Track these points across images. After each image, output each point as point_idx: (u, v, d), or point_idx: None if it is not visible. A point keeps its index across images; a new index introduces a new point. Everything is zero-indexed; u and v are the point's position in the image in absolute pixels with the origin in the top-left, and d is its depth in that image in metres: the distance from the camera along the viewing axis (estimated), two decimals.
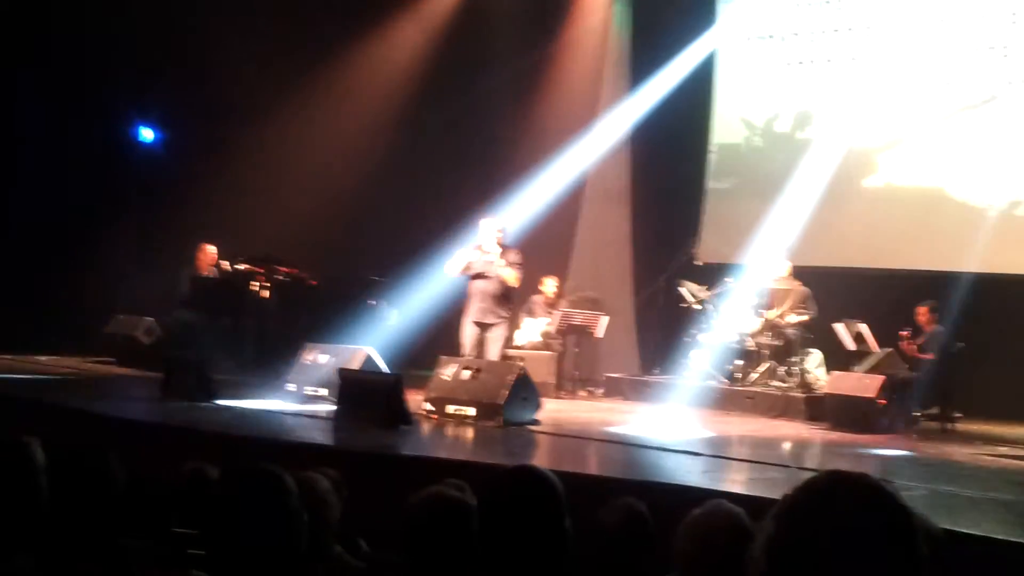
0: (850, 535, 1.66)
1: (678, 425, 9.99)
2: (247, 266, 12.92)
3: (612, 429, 9.48)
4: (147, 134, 14.73)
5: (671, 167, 14.63)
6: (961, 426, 10.74)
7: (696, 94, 14.71)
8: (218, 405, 9.21)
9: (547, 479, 2.95)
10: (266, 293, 12.57)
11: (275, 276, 12.72)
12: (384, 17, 14.65)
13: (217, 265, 13.26)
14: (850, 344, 11.70)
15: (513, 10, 15.12)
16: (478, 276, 10.43)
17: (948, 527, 4.92)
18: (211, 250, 13.26)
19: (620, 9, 15.82)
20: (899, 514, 1.70)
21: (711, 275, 13.33)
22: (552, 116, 15.12)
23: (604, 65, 15.79)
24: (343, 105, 14.39)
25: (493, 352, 10.19)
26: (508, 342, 10.35)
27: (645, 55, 15.41)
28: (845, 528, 1.66)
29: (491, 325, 10.27)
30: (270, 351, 12.69)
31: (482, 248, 10.31)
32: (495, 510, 2.92)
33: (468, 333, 10.38)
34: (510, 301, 10.24)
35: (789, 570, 1.67)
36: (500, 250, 10.36)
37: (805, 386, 11.69)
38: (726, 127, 14.79)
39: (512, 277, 10.30)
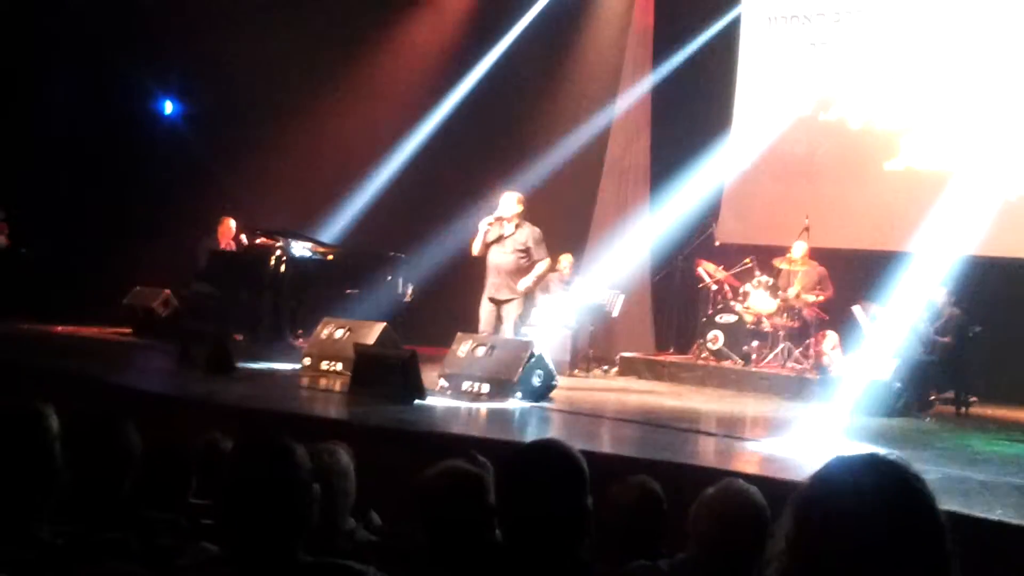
0: (870, 516, 1.63)
1: (691, 405, 9.99)
2: (266, 240, 12.94)
3: (623, 405, 9.48)
4: (169, 107, 14.74)
5: (691, 147, 14.56)
6: (976, 410, 10.71)
7: (718, 74, 14.64)
8: (234, 377, 9.24)
9: (572, 455, 2.91)
10: (283, 267, 12.59)
11: (293, 250, 12.74)
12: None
13: (236, 238, 13.30)
14: (867, 327, 11.67)
15: None
16: (492, 249, 10.31)
17: (961, 511, 4.92)
18: (231, 223, 13.30)
19: None
20: (915, 485, 1.68)
21: (729, 255, 13.30)
22: (574, 95, 15.09)
23: (626, 44, 15.72)
24: (367, 78, 14.37)
25: (508, 328, 10.14)
26: (524, 318, 10.27)
27: (667, 33, 15.35)
28: (864, 510, 1.64)
29: (505, 301, 10.22)
30: (286, 324, 12.75)
31: (500, 221, 10.23)
32: (517, 484, 2.87)
33: (484, 309, 10.35)
34: (526, 276, 10.15)
35: (815, 563, 1.64)
36: (516, 227, 10.24)
37: (820, 368, 11.67)
38: (747, 107, 14.71)
39: (542, 269, 10.27)
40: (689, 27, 14.87)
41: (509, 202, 10.20)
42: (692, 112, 14.62)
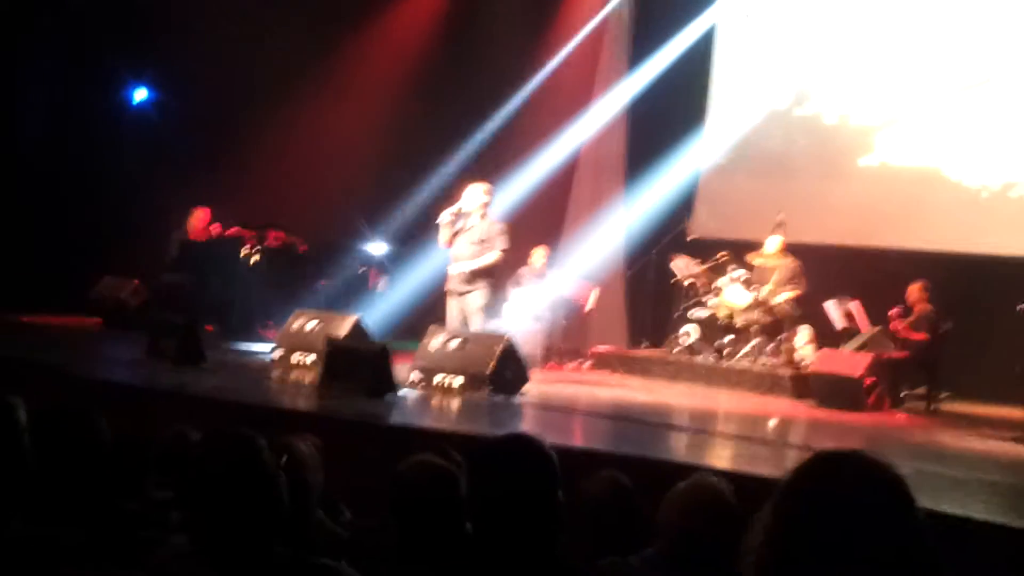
0: (852, 514, 1.63)
1: (664, 400, 10.00)
2: (237, 230, 12.87)
3: (595, 399, 9.48)
4: (140, 95, 14.62)
5: (666, 141, 14.56)
6: (948, 406, 10.76)
7: (694, 68, 14.64)
8: (204, 368, 9.16)
9: (543, 449, 2.89)
10: (256, 258, 12.51)
11: (264, 241, 12.67)
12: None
13: (208, 229, 13.22)
14: (839, 322, 11.72)
15: None
16: (455, 241, 10.14)
17: (932, 508, 4.92)
18: (203, 214, 13.22)
19: None
20: (897, 485, 1.68)
21: (703, 250, 13.30)
22: (551, 90, 15.05)
23: (603, 40, 15.72)
24: (344, 73, 14.29)
25: (473, 321, 10.01)
26: (490, 309, 10.13)
27: (645, 29, 15.36)
28: (846, 508, 1.63)
29: (464, 293, 10.10)
30: (257, 316, 12.68)
31: (461, 213, 10.09)
32: (488, 479, 2.85)
33: (449, 303, 10.24)
34: (489, 269, 9.99)
35: (794, 557, 1.64)
36: (480, 218, 10.08)
37: (793, 363, 11.70)
38: (723, 102, 14.72)
39: (490, 259, 10.05)
40: (666, 22, 14.87)
41: (474, 193, 10.07)
42: (667, 105, 14.61)
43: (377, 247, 13.38)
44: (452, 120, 14.46)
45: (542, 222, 14.43)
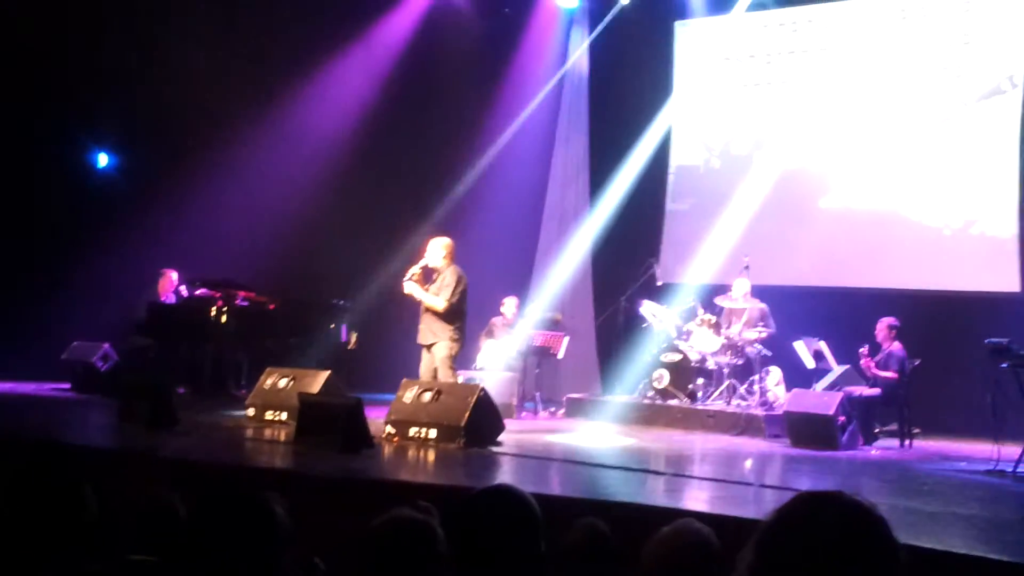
0: (834, 555, 1.65)
1: (639, 444, 10.00)
2: (205, 291, 12.84)
3: (571, 446, 9.47)
4: (103, 160, 14.60)
5: (630, 188, 14.71)
6: (920, 442, 10.82)
7: (654, 114, 14.82)
8: (177, 431, 9.09)
9: (525, 500, 2.89)
10: (224, 318, 12.48)
11: (233, 301, 12.64)
12: (337, 49, 14.59)
13: (176, 291, 13.18)
14: (809, 362, 11.79)
15: (465, 45, 15.22)
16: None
17: (910, 543, 4.94)
18: (172, 276, 13.19)
19: (577, 34, 15.93)
20: (878, 528, 1.70)
21: (671, 295, 13.40)
22: (511, 138, 15.17)
23: (562, 90, 15.89)
24: (302, 132, 14.32)
25: (440, 372, 10.00)
26: (454, 360, 10.12)
27: (603, 77, 15.55)
28: (828, 549, 1.65)
29: (430, 345, 10.11)
30: (229, 376, 12.63)
31: (427, 267, 10.10)
32: (471, 531, 2.84)
33: (423, 356, 10.23)
34: (450, 318, 10.00)
35: None
36: (423, 271, 10.03)
37: (765, 404, 11.75)
38: (685, 149, 14.88)
39: (433, 302, 10.05)
40: (624, 71, 15.06)
41: (435, 248, 10.09)
42: (629, 153, 14.76)
43: (346, 303, 13.38)
44: (411, 172, 14.52)
45: (511, 272, 14.49)
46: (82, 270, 13.21)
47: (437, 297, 9.92)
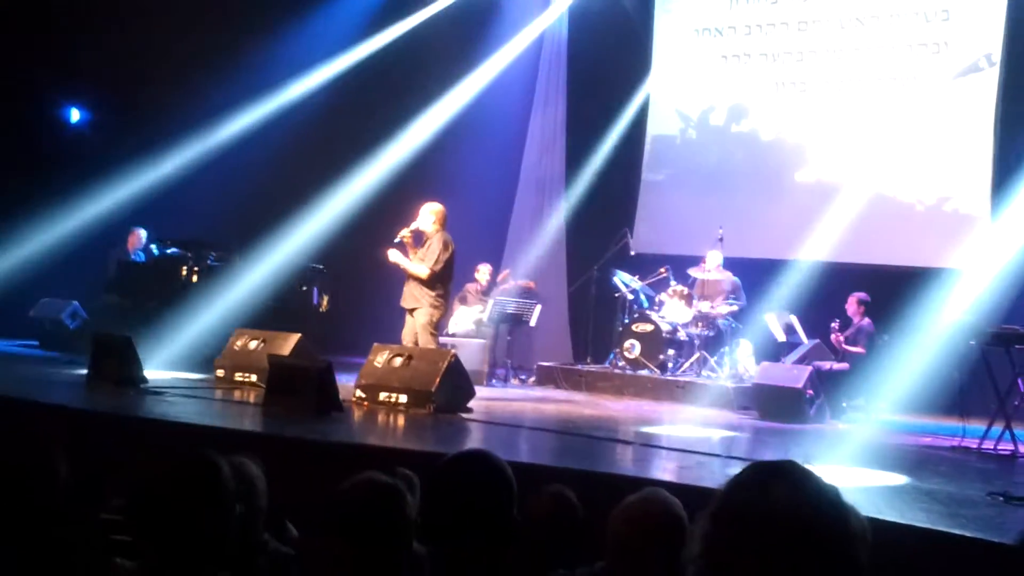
0: (785, 522, 1.66)
1: (608, 413, 10.03)
2: (176, 250, 12.75)
3: (545, 411, 9.50)
4: (75, 115, 14.45)
5: (607, 157, 14.69)
6: (888, 416, 10.90)
7: (632, 85, 14.78)
8: (145, 390, 9.04)
9: (501, 466, 2.89)
10: (195, 277, 12.40)
11: (205, 260, 12.56)
12: (311, 3, 14.47)
13: (146, 249, 13.08)
14: (780, 335, 11.85)
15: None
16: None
17: (875, 516, 4.98)
18: (141, 233, 13.10)
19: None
20: (829, 495, 1.72)
21: (644, 265, 13.41)
22: (488, 107, 15.09)
23: (540, 56, 15.82)
24: (275, 91, 14.21)
25: (420, 337, 10.00)
26: (435, 326, 10.12)
27: (582, 47, 15.49)
28: (780, 517, 1.67)
29: (412, 309, 10.11)
30: (199, 336, 12.54)
31: (417, 231, 10.11)
32: (445, 496, 2.84)
33: (406, 320, 10.25)
34: (433, 284, 9.99)
35: (730, 564, 1.67)
36: (413, 235, 10.03)
37: (735, 376, 11.81)
38: (662, 119, 14.87)
39: (416, 269, 10.05)
40: (603, 39, 15.00)
41: (425, 212, 10.10)
42: (607, 123, 14.74)
43: (319, 267, 13.32)
44: (380, 132, 14.43)
45: (486, 239, 14.46)
46: (51, 227, 13.11)
47: (421, 264, 9.91)
